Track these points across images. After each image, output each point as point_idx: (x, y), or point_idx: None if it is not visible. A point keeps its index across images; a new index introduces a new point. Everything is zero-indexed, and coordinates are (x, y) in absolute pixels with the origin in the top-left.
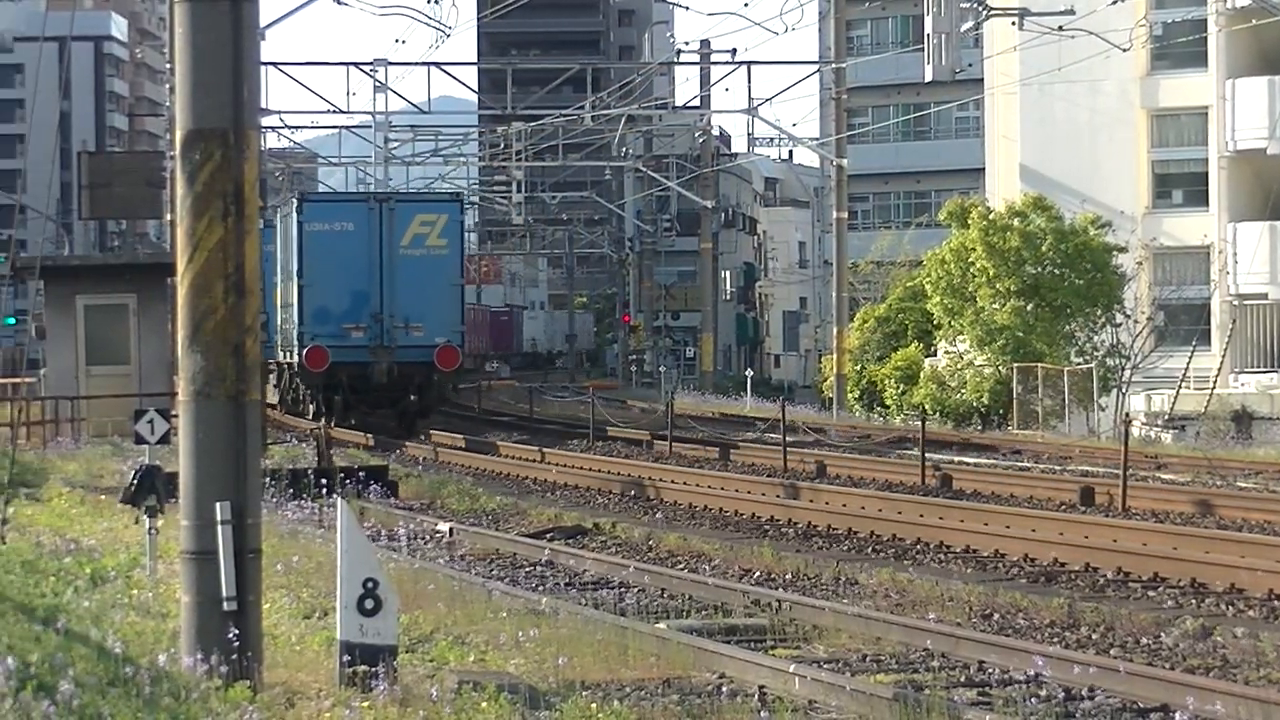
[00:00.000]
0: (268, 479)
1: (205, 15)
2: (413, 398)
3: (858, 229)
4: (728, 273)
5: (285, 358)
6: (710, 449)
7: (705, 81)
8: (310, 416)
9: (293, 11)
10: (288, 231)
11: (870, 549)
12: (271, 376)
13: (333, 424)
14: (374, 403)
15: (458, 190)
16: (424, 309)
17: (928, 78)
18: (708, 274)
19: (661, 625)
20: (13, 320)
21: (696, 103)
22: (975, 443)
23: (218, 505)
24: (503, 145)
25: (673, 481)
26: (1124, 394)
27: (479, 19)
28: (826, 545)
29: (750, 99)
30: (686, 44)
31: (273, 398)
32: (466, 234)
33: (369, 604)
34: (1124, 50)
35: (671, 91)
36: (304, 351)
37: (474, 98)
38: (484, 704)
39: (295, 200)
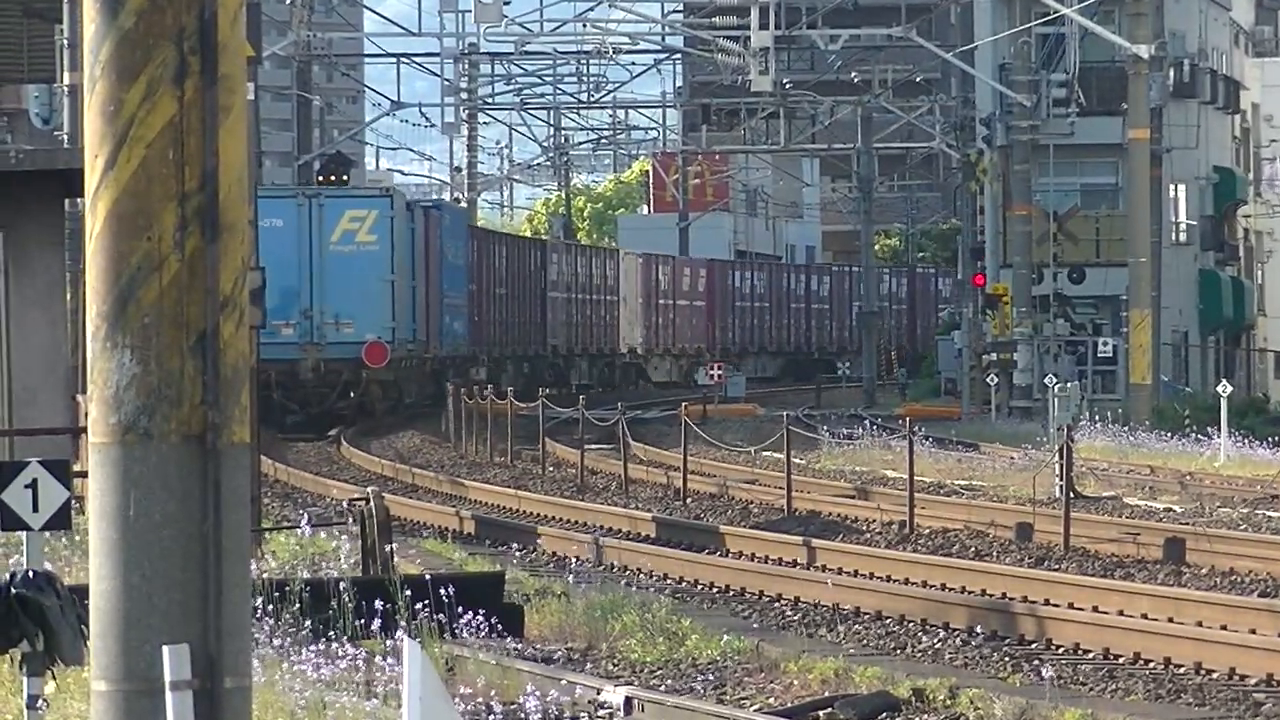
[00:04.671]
0: (263, 599)
1: None
2: (351, 394)
3: None
4: (1181, 188)
5: None
6: (1146, 542)
7: None
8: None
9: None
10: None
11: None
12: None
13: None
14: (303, 401)
15: (388, 186)
16: (354, 306)
17: None
18: (1141, 192)
19: None
20: None
21: None
22: None
23: (166, 652)
24: None
25: (1070, 605)
26: None
27: None
28: None
29: None
30: None
31: None
32: (411, 228)
33: None
34: None
35: None
36: None
37: None
38: None
39: None
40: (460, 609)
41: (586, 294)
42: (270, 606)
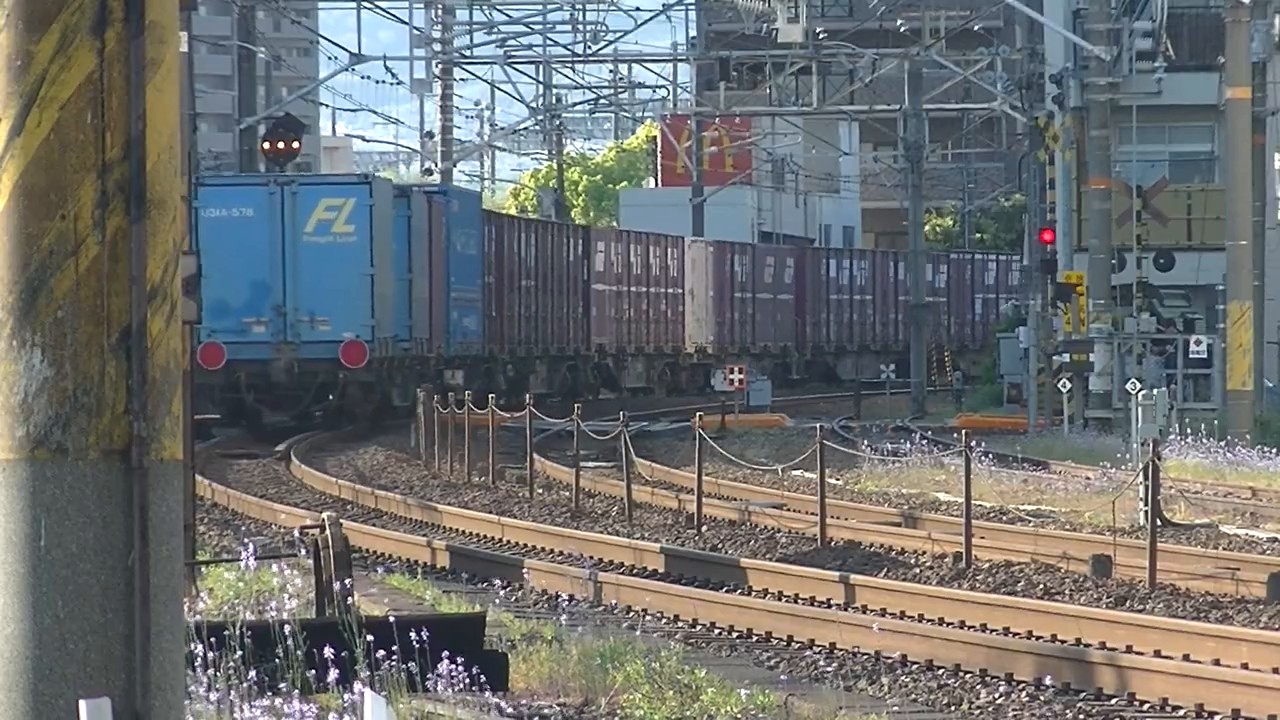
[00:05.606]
0: (200, 644)
1: None
2: (329, 397)
3: None
4: None
5: None
6: (1246, 578)
7: None
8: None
9: None
10: None
11: None
12: None
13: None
14: (275, 404)
15: (367, 173)
16: (330, 302)
17: None
18: (1241, 162)
19: None
20: None
21: None
22: None
23: (84, 708)
24: None
25: (1157, 652)
26: None
27: None
28: None
29: None
30: None
31: None
32: (407, 215)
33: None
34: None
35: None
36: (197, 348)
37: None
38: None
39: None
40: (433, 657)
41: (643, 287)
42: (207, 654)
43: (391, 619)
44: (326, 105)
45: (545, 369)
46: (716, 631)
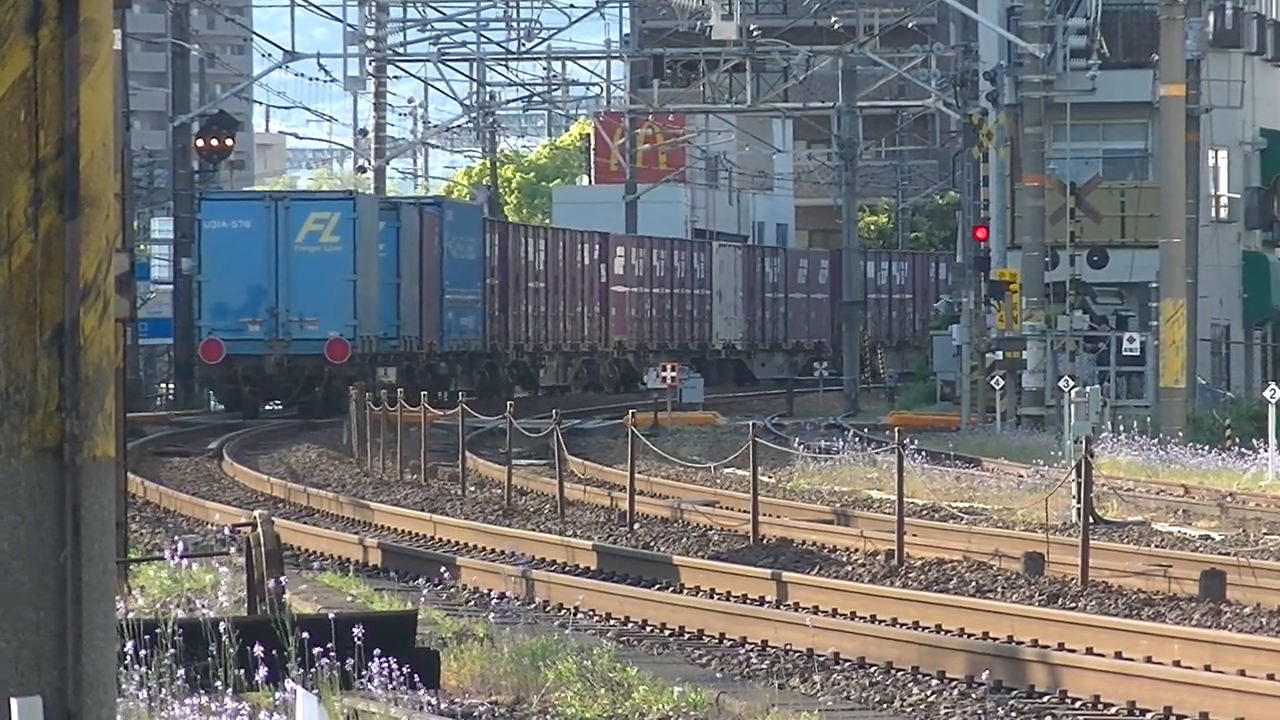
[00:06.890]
0: (131, 642)
1: None
2: (316, 389)
3: None
4: (1222, 155)
5: None
6: (1179, 575)
7: None
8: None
9: None
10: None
11: None
12: None
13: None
14: (268, 394)
15: (351, 189)
16: (318, 303)
17: None
18: (1175, 159)
19: None
20: None
21: None
22: None
23: (15, 705)
24: None
25: (1089, 650)
26: None
27: None
28: None
29: None
30: None
31: None
32: (396, 226)
33: None
34: None
35: None
36: (200, 344)
37: None
38: None
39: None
40: (365, 655)
41: (665, 288)
42: (139, 652)
43: (330, 616)
44: (260, 102)
45: (557, 365)
46: (649, 629)
